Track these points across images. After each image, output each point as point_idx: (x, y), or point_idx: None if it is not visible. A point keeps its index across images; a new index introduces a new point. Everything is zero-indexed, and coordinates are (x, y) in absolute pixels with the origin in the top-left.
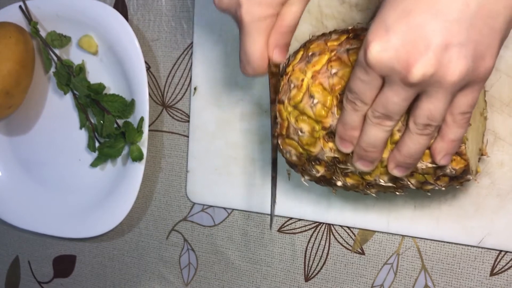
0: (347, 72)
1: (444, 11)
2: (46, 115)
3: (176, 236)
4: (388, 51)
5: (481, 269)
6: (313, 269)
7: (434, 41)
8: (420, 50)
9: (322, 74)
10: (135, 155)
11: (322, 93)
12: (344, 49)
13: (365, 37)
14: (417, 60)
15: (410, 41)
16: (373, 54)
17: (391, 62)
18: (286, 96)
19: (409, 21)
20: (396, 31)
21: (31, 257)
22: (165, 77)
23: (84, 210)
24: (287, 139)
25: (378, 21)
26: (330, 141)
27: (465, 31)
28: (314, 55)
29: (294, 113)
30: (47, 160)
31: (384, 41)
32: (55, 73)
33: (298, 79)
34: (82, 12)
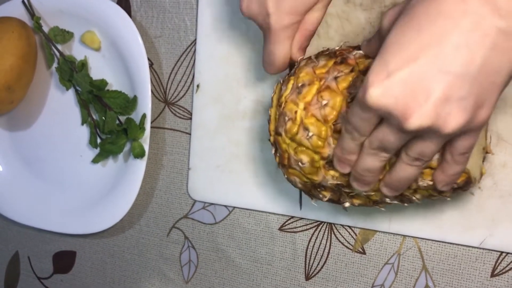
0: (338, 101)
1: (448, 64)
2: (48, 111)
3: (177, 234)
4: (387, 97)
5: (482, 270)
6: (314, 268)
7: (435, 94)
8: (419, 101)
9: (314, 106)
10: (137, 151)
11: (316, 125)
12: (332, 77)
13: (365, 77)
14: (416, 111)
15: (411, 90)
16: (372, 98)
17: (389, 108)
18: (282, 129)
19: (412, 70)
20: (397, 78)
21: (31, 252)
22: (168, 74)
23: (85, 206)
24: (290, 169)
25: (381, 62)
26: (331, 169)
27: (467, 85)
28: (304, 86)
29: (292, 145)
30: (48, 156)
31: (384, 86)
32: (57, 68)
33: (292, 111)
34: (85, 8)
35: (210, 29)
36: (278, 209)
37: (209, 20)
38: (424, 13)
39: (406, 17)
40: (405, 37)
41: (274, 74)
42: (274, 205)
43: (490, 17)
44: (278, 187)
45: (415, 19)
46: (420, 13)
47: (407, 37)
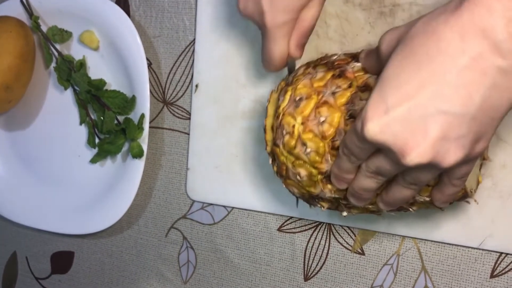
0: (336, 117)
1: (447, 104)
2: (46, 110)
3: (175, 234)
4: (385, 134)
5: (481, 271)
6: (313, 268)
7: (433, 133)
8: (417, 139)
9: (312, 121)
10: (135, 151)
11: (314, 141)
12: (330, 92)
13: (363, 110)
14: (414, 149)
15: (409, 128)
16: (370, 133)
17: (387, 144)
18: (280, 141)
19: (410, 107)
20: (396, 115)
21: (29, 253)
22: (167, 74)
23: (83, 207)
24: (288, 179)
25: (379, 96)
26: (329, 183)
27: (465, 124)
28: (301, 100)
29: (290, 158)
30: (46, 156)
31: (383, 123)
32: (55, 68)
33: (289, 125)
34: (84, 7)
35: (209, 29)
36: (277, 210)
37: (208, 20)
38: (423, 49)
39: (405, 50)
40: (404, 73)
41: (273, 72)
42: (273, 206)
43: (490, 56)
44: (277, 187)
45: (414, 54)
46: (419, 49)
47: (406, 73)
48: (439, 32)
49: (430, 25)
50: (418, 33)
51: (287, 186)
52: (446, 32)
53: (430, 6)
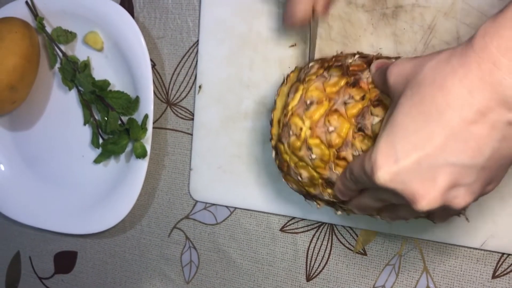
0: (345, 128)
1: (456, 157)
2: (50, 111)
3: (178, 234)
4: (395, 183)
5: (483, 271)
6: (315, 269)
7: (443, 183)
8: (427, 188)
9: (320, 128)
10: (139, 152)
11: (320, 147)
12: (342, 101)
13: (372, 151)
14: (423, 198)
15: (419, 178)
16: (380, 180)
17: (398, 191)
18: (285, 140)
19: (420, 158)
20: (405, 165)
21: (32, 252)
22: (170, 74)
23: (86, 206)
24: (289, 176)
25: (388, 143)
26: (328, 188)
27: (475, 174)
28: (312, 104)
29: (293, 158)
30: (50, 156)
31: (392, 172)
32: (60, 68)
33: (297, 126)
34: (88, 9)
35: (213, 30)
36: (279, 210)
37: (211, 21)
38: (431, 101)
39: (414, 98)
40: (413, 123)
41: (291, 28)
42: (276, 206)
43: (499, 110)
44: (280, 188)
45: (423, 104)
46: (427, 99)
47: (415, 124)
48: (447, 85)
49: (439, 74)
50: (426, 81)
51: (286, 181)
52: (455, 85)
53: (432, 8)
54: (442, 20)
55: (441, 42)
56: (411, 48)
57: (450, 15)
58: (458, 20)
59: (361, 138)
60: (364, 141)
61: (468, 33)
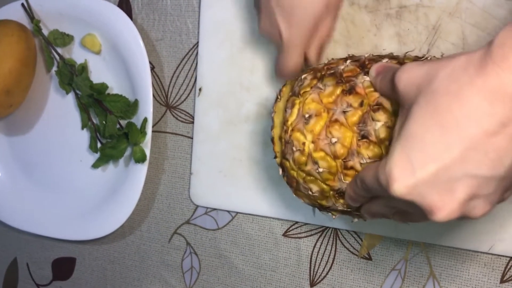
0: (348, 137)
1: (475, 168)
2: (47, 115)
3: (179, 239)
4: (413, 195)
5: (491, 276)
6: (319, 274)
7: (461, 195)
8: (445, 200)
9: (323, 141)
10: (138, 156)
11: (326, 160)
12: (340, 110)
13: (386, 163)
14: (441, 210)
15: (436, 190)
16: (397, 193)
17: (415, 202)
18: (290, 157)
19: (437, 170)
20: (422, 178)
21: (29, 259)
22: (170, 77)
23: (85, 212)
24: (299, 191)
25: (403, 155)
26: (341, 198)
27: (494, 184)
28: (311, 117)
29: (300, 174)
30: (47, 161)
31: (410, 185)
32: (57, 72)
33: (299, 142)
34: (86, 11)
35: (212, 32)
36: (282, 215)
37: (211, 23)
38: (448, 111)
39: (429, 108)
40: (430, 134)
41: (285, 79)
42: (278, 210)
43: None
44: (282, 191)
45: (439, 114)
46: (444, 109)
47: (431, 135)
48: (465, 95)
49: (454, 83)
50: (441, 90)
51: (297, 196)
52: (473, 96)
53: (436, 8)
54: (447, 20)
55: (446, 42)
56: (415, 48)
57: (455, 15)
58: (463, 20)
59: (366, 145)
60: (369, 147)
61: (473, 34)
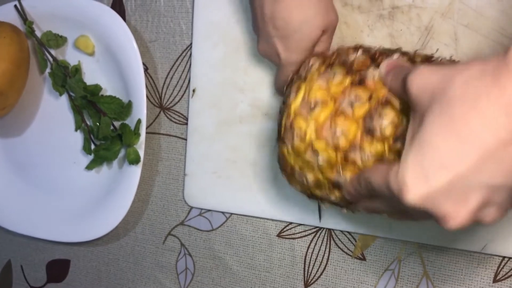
0: (352, 129)
1: (490, 177)
2: (41, 117)
3: (173, 241)
4: (426, 203)
5: (484, 275)
6: (313, 275)
7: (474, 203)
8: (459, 208)
9: (326, 131)
10: (132, 158)
11: (327, 150)
12: (348, 102)
13: (399, 172)
14: (455, 218)
15: (450, 199)
16: (410, 202)
17: (428, 210)
18: (289, 143)
19: (452, 180)
20: (437, 187)
21: (24, 261)
22: (163, 78)
23: (79, 214)
24: (292, 177)
25: (417, 163)
26: (336, 190)
27: (507, 192)
28: (317, 105)
29: (298, 161)
30: (41, 163)
31: (424, 194)
32: (50, 73)
33: (301, 129)
34: (79, 12)
35: (206, 33)
36: (276, 215)
37: (204, 24)
38: (464, 121)
39: (445, 116)
40: (445, 143)
41: None
42: (272, 211)
43: None
44: (276, 192)
45: (455, 124)
46: (460, 119)
47: (447, 144)
48: (481, 105)
49: (471, 93)
50: (457, 99)
51: (290, 183)
52: (490, 106)
53: (429, 9)
54: (439, 21)
55: (439, 43)
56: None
57: (447, 15)
58: (456, 21)
59: (370, 141)
60: (373, 143)
61: (465, 34)
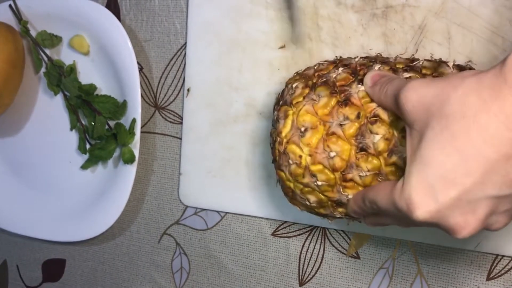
0: (346, 150)
1: (496, 189)
2: (36, 116)
3: (168, 240)
4: (435, 219)
5: (477, 273)
6: (308, 273)
7: (483, 213)
8: (468, 220)
9: (320, 154)
10: (127, 157)
11: (324, 173)
12: (337, 123)
13: (404, 190)
14: (465, 228)
15: (459, 212)
16: (420, 218)
17: (437, 224)
18: (286, 169)
19: (459, 195)
20: (445, 203)
21: (19, 261)
22: (158, 78)
23: (74, 213)
24: (295, 200)
25: (423, 180)
26: (339, 207)
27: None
28: (307, 130)
29: (298, 186)
30: (36, 162)
31: (432, 210)
32: (45, 73)
33: (295, 155)
34: (74, 12)
35: (201, 33)
36: (271, 214)
37: (199, 23)
38: (466, 138)
39: (445, 133)
40: (449, 160)
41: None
42: (267, 210)
43: None
44: (271, 191)
45: (457, 140)
46: (461, 136)
47: (450, 160)
48: (482, 121)
49: (469, 109)
50: (456, 115)
51: (293, 204)
52: (490, 121)
53: (422, 8)
54: (433, 20)
55: (432, 42)
56: (401, 48)
57: (440, 14)
58: (449, 19)
59: (365, 158)
60: (368, 160)
61: (459, 33)
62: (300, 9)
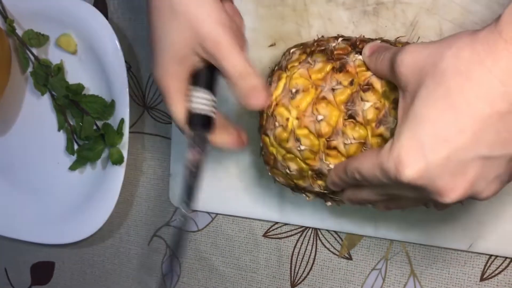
0: (334, 116)
1: (488, 149)
2: (23, 117)
3: (158, 242)
4: (424, 179)
5: (471, 274)
6: (300, 274)
7: (472, 176)
8: (456, 182)
9: (308, 118)
10: (115, 158)
11: (309, 138)
12: (329, 88)
13: (393, 149)
14: (452, 191)
15: (448, 172)
16: (408, 178)
17: (425, 186)
18: (271, 132)
19: (450, 153)
20: (435, 161)
21: (7, 264)
22: (147, 77)
23: (63, 215)
24: (275, 169)
25: (413, 139)
26: (319, 180)
27: (505, 164)
28: (298, 92)
29: (280, 151)
30: (24, 163)
31: (421, 169)
32: (32, 73)
33: (283, 117)
34: (61, 10)
35: None
36: (262, 215)
37: None
38: (460, 92)
39: (439, 90)
40: (442, 117)
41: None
42: (258, 211)
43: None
44: (262, 192)
45: (450, 96)
46: (455, 91)
47: (443, 117)
48: (475, 76)
49: (463, 64)
50: (450, 71)
51: (272, 174)
52: (484, 76)
53: (414, 5)
54: (425, 16)
55: (424, 39)
56: None
57: (432, 11)
58: (441, 16)
59: (352, 126)
60: (355, 128)
61: (451, 30)
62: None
